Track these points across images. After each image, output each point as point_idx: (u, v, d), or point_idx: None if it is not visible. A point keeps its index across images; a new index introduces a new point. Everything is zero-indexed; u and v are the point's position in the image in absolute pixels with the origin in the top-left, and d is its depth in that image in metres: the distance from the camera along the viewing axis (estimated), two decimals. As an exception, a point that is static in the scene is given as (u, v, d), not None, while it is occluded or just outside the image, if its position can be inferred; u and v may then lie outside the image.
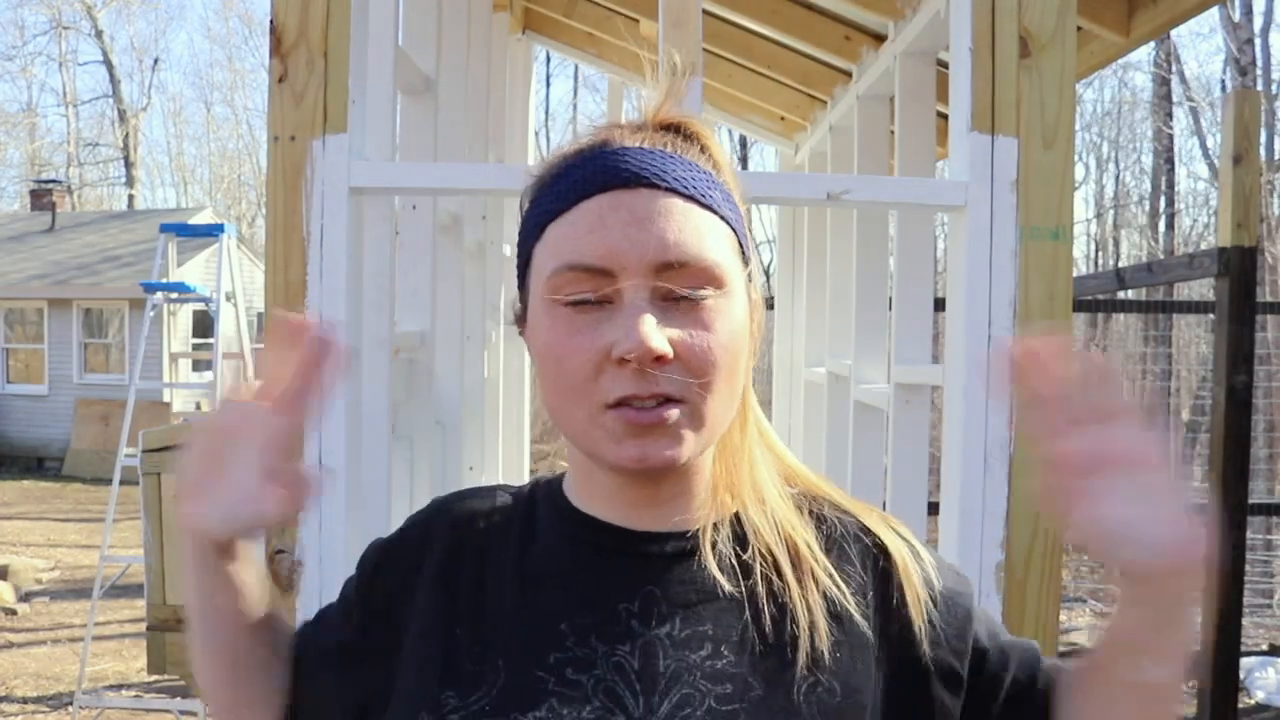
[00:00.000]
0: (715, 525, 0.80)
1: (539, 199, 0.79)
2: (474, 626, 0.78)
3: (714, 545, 0.79)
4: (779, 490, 0.84)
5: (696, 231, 0.74)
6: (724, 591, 0.77)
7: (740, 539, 0.80)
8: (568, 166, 0.78)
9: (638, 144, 0.77)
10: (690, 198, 0.75)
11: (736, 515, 0.81)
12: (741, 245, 0.78)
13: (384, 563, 0.87)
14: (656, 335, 0.71)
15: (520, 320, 0.83)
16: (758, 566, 0.78)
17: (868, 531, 0.84)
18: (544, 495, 0.86)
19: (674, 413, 0.73)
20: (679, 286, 0.73)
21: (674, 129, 0.81)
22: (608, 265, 0.73)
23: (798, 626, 0.75)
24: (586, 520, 0.81)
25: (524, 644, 0.76)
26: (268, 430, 0.74)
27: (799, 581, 0.77)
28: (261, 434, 0.74)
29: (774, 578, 0.78)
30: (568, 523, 0.82)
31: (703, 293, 0.74)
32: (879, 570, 0.81)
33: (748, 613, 0.76)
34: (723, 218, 0.77)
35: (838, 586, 0.78)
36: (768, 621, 0.76)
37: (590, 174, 0.75)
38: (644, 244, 0.72)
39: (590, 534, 0.80)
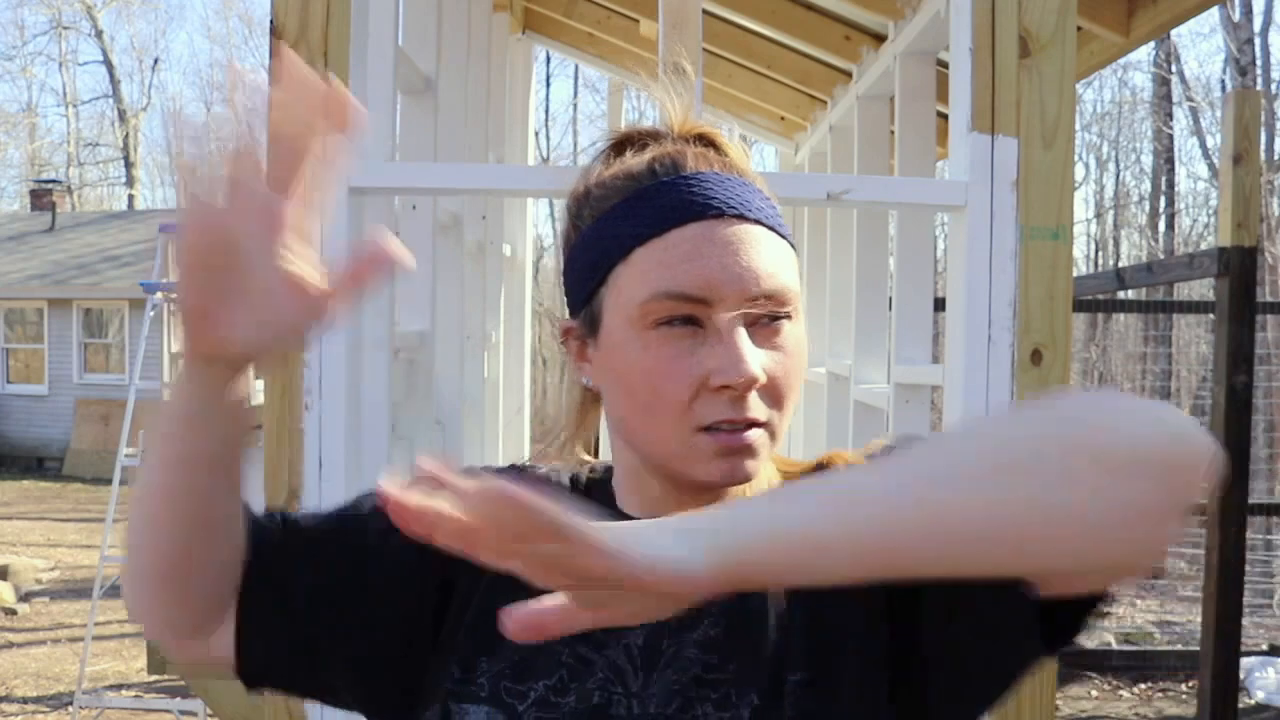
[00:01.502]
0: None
1: (614, 219, 0.80)
2: (510, 599, 0.79)
3: None
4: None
5: (779, 262, 0.78)
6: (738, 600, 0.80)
7: None
8: (648, 189, 0.79)
9: (706, 166, 0.80)
10: (772, 229, 0.79)
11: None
12: (799, 270, 0.83)
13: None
14: (758, 363, 0.76)
15: (577, 334, 0.83)
16: None
17: None
18: (597, 491, 0.88)
19: (759, 434, 0.77)
20: (763, 315, 0.77)
21: (704, 140, 0.84)
22: (705, 295, 0.76)
23: (791, 610, 0.78)
24: (617, 513, 0.85)
25: None
26: (283, 216, 0.65)
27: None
28: (277, 222, 0.65)
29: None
30: (607, 517, 0.84)
31: (785, 320, 0.78)
32: None
33: (742, 598, 0.78)
34: (792, 245, 0.81)
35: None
36: (757, 602, 0.79)
37: (679, 201, 0.78)
38: (740, 275, 0.76)
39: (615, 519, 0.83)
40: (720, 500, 0.81)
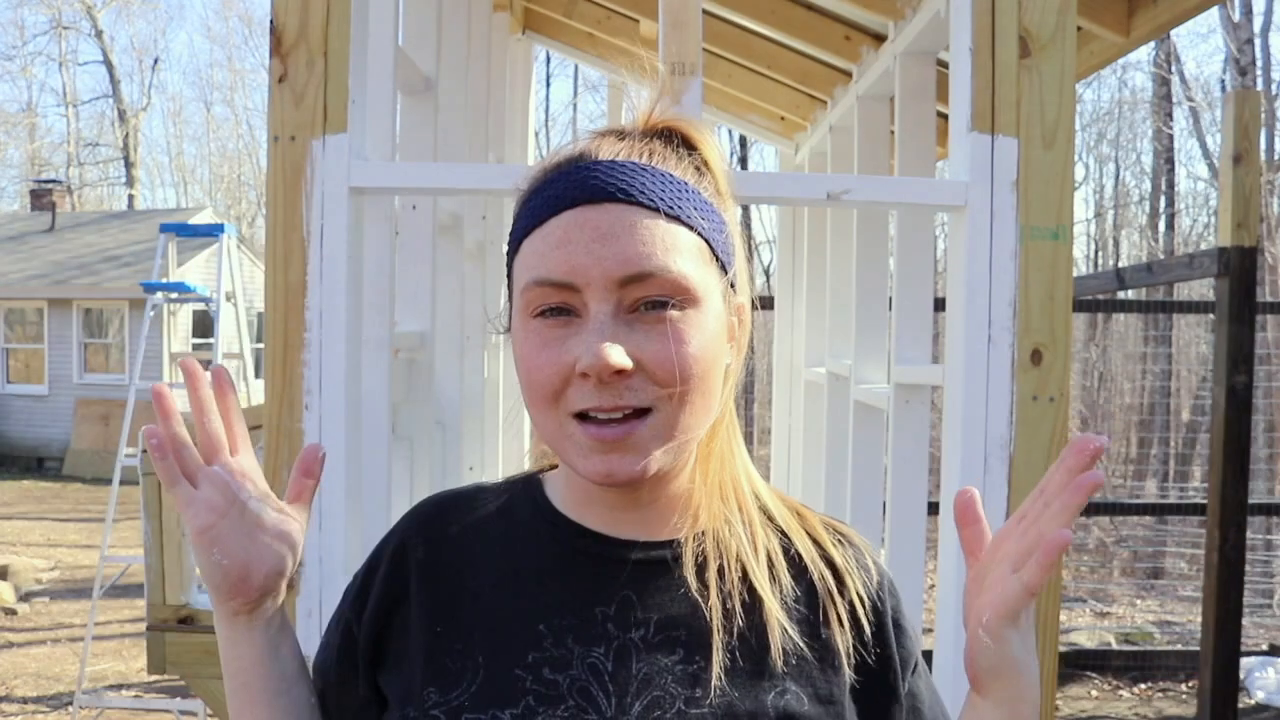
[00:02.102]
0: (695, 536, 0.81)
1: (520, 213, 0.81)
2: (454, 624, 0.81)
3: (692, 554, 0.80)
4: (757, 502, 0.86)
5: (661, 244, 0.75)
6: (698, 599, 0.79)
7: (719, 549, 0.81)
8: (546, 181, 0.79)
9: (614, 156, 0.78)
10: (656, 210, 0.75)
11: (716, 526, 0.83)
12: (716, 255, 0.79)
13: (386, 571, 0.87)
14: (615, 350, 0.72)
15: (507, 327, 0.85)
16: (733, 576, 0.79)
17: (842, 544, 0.87)
18: (522, 495, 0.88)
19: (641, 427, 0.75)
20: (641, 298, 0.74)
21: (663, 134, 0.82)
22: (572, 280, 0.74)
23: (770, 636, 0.78)
24: (568, 524, 0.83)
25: (503, 643, 0.79)
26: (235, 485, 0.81)
27: (772, 594, 0.80)
28: (243, 481, 0.82)
29: (748, 589, 0.80)
30: (549, 525, 0.84)
31: (666, 304, 0.74)
32: (836, 584, 0.83)
33: (720, 621, 0.78)
34: (693, 228, 0.77)
35: (808, 599, 0.82)
36: (740, 630, 0.78)
37: (562, 190, 0.76)
38: (606, 258, 0.74)
39: (571, 538, 0.83)
40: (648, 495, 0.81)
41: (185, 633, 2.83)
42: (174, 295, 7.71)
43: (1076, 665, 5.69)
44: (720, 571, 0.80)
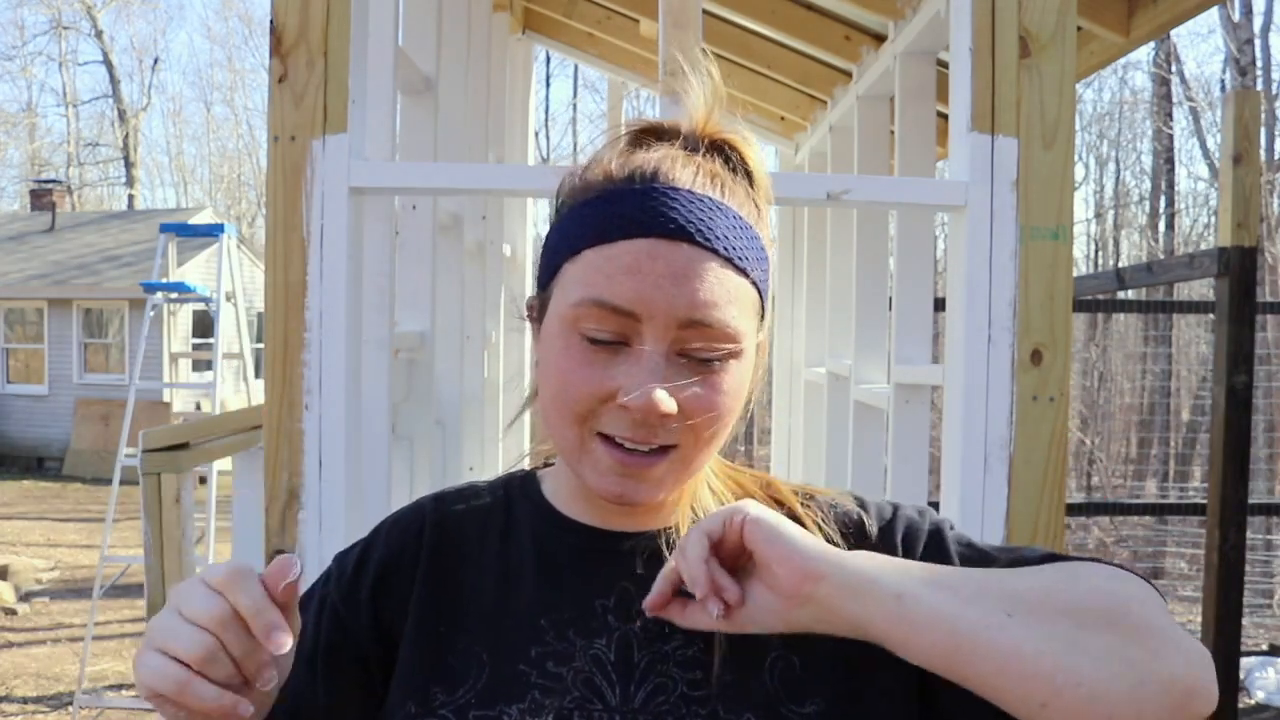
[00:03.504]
0: (679, 523, 0.82)
1: (579, 215, 0.79)
2: (457, 622, 0.82)
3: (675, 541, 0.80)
4: (729, 478, 0.87)
5: (726, 295, 0.75)
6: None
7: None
8: (617, 192, 0.77)
9: (688, 182, 0.77)
10: (729, 261, 0.76)
11: (703, 510, 0.83)
12: (763, 302, 0.80)
13: (383, 573, 0.86)
14: (668, 400, 0.74)
15: (533, 316, 0.84)
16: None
17: (836, 507, 0.86)
18: (519, 493, 0.89)
19: (663, 462, 0.77)
20: (697, 346, 0.75)
21: (720, 149, 0.82)
22: (636, 310, 0.74)
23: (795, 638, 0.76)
24: (564, 521, 0.85)
25: (506, 639, 0.80)
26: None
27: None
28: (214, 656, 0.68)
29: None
30: (547, 523, 0.85)
31: (716, 356, 0.76)
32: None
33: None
34: (752, 280, 0.77)
35: None
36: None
37: (638, 213, 0.75)
38: (676, 298, 0.74)
39: (568, 534, 0.84)
40: (630, 511, 0.82)
41: None
42: (174, 295, 7.71)
43: (1076, 665, 5.68)
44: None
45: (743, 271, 0.77)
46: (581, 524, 0.84)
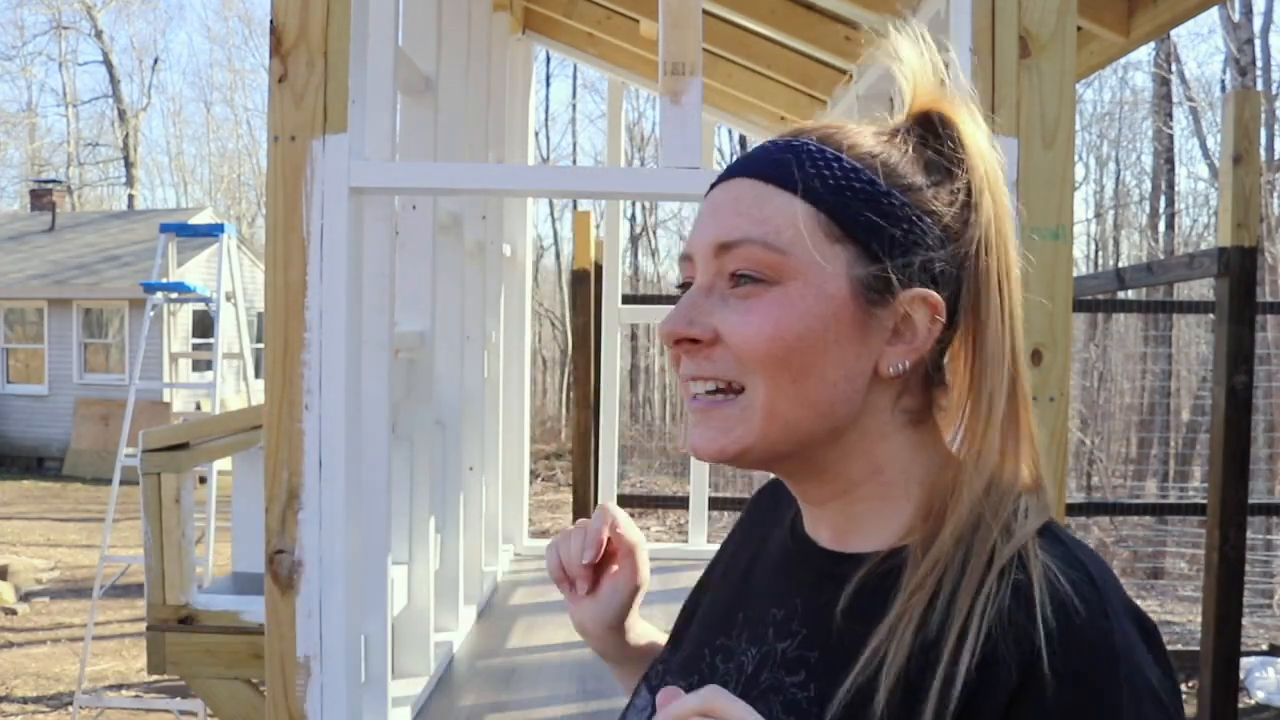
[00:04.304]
0: (880, 555, 0.71)
1: None
2: (711, 597, 0.88)
3: (866, 577, 0.70)
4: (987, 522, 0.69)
5: (757, 213, 0.71)
6: (842, 625, 0.70)
7: (892, 569, 0.70)
8: None
9: (784, 137, 0.75)
10: (766, 180, 0.71)
11: (918, 553, 0.70)
12: (848, 229, 0.70)
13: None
14: (676, 318, 0.72)
15: None
16: (888, 604, 0.68)
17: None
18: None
19: (729, 405, 0.71)
20: (736, 268, 0.71)
21: (921, 123, 0.75)
22: (688, 251, 0.75)
23: (879, 681, 0.65)
24: (797, 532, 0.80)
25: (714, 623, 0.83)
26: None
27: (897, 644, 0.66)
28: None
29: (906, 634, 0.66)
30: (790, 531, 0.82)
31: (748, 272, 0.70)
32: (957, 638, 0.65)
33: (849, 651, 0.68)
34: (810, 199, 0.70)
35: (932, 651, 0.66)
36: (867, 675, 0.66)
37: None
38: (709, 229, 0.73)
39: (794, 543, 0.80)
40: (815, 492, 0.75)
41: (185, 633, 2.82)
42: (174, 295, 7.71)
43: (1076, 665, 5.69)
44: (879, 600, 0.68)
45: (792, 190, 0.70)
46: (807, 535, 0.78)
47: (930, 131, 0.75)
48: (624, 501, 6.01)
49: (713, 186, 0.76)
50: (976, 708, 0.62)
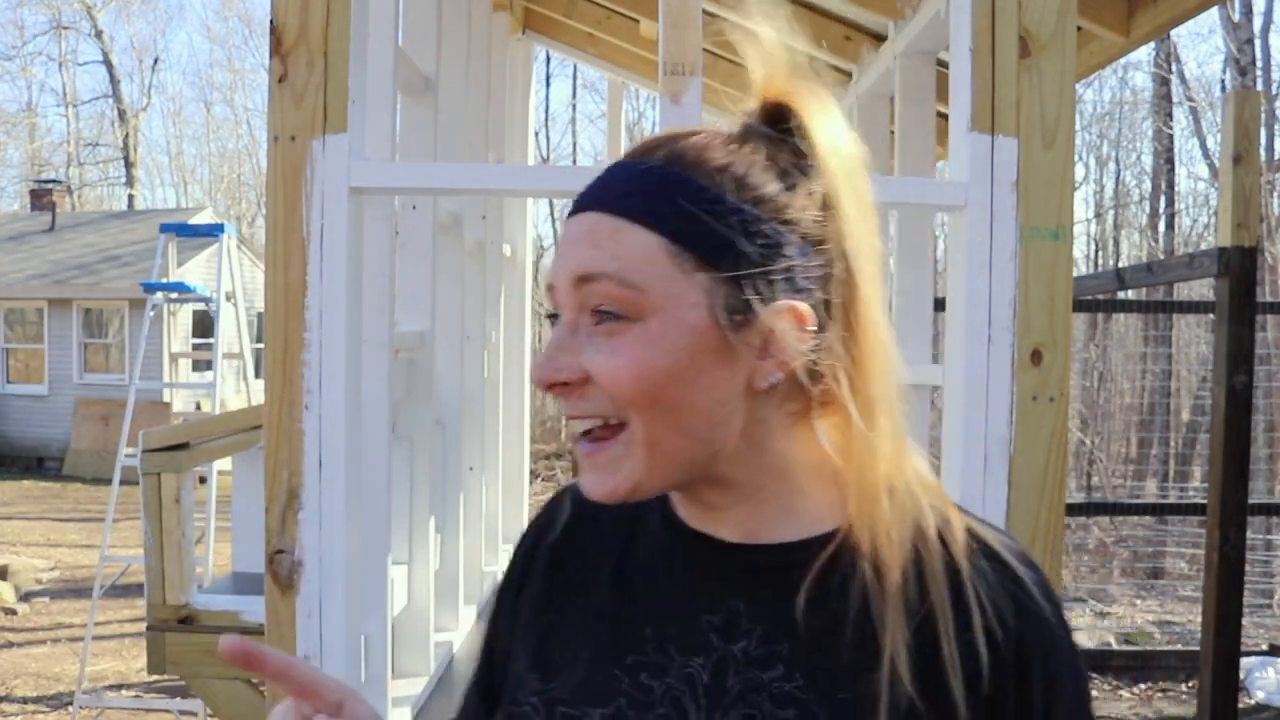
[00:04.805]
0: (817, 542, 0.74)
1: None
2: (568, 614, 0.81)
3: (812, 563, 0.73)
4: (902, 505, 0.74)
5: (610, 247, 0.70)
6: (806, 612, 0.72)
7: (841, 561, 0.73)
8: None
9: (636, 154, 0.75)
10: (617, 214, 0.71)
11: (846, 533, 0.74)
12: (703, 256, 0.70)
13: (520, 554, 0.88)
14: (545, 364, 0.71)
15: None
16: (854, 589, 0.72)
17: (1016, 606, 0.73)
18: (656, 497, 0.82)
19: (611, 445, 0.72)
20: (595, 303, 0.70)
21: (771, 113, 0.75)
22: (551, 282, 0.74)
23: (879, 666, 0.69)
24: (683, 529, 0.79)
25: (609, 640, 0.77)
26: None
27: (893, 619, 0.70)
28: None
29: (866, 605, 0.71)
30: (667, 530, 0.80)
31: (608, 308, 0.70)
32: (956, 615, 0.71)
33: (829, 639, 0.72)
34: (660, 230, 0.70)
35: (928, 630, 0.71)
36: (847, 651, 0.71)
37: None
38: (566, 262, 0.72)
39: (685, 543, 0.78)
40: (719, 498, 0.76)
41: (185, 633, 2.82)
42: (174, 295, 7.71)
43: (1076, 665, 5.68)
44: (841, 586, 0.72)
45: (644, 223, 0.70)
46: (699, 532, 0.78)
47: (780, 128, 0.74)
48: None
49: (570, 214, 0.75)
50: (997, 671, 0.70)
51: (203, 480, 7.03)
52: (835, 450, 0.75)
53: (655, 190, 0.70)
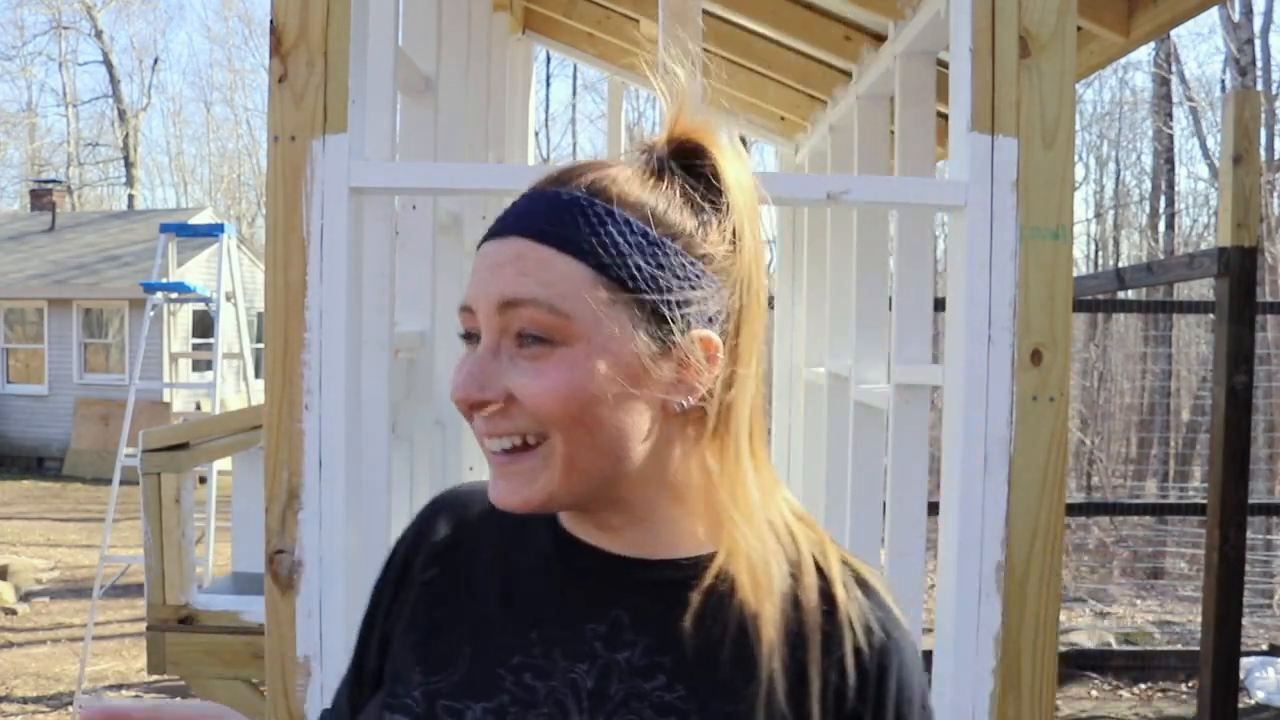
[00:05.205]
0: (701, 560, 0.78)
1: None
2: (452, 613, 0.83)
3: (696, 581, 0.77)
4: (781, 528, 0.81)
5: (537, 274, 0.73)
6: (690, 627, 0.77)
7: (720, 579, 0.78)
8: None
9: (559, 185, 0.76)
10: (544, 241, 0.74)
11: (725, 554, 0.78)
12: (626, 284, 0.73)
13: (395, 555, 0.90)
14: (467, 385, 0.75)
15: None
16: (734, 608, 0.77)
17: (860, 625, 0.80)
18: None
19: (529, 458, 0.75)
20: (520, 327, 0.74)
21: (681, 150, 0.79)
22: (470, 304, 0.77)
23: (756, 682, 0.75)
24: (570, 539, 0.82)
25: (494, 640, 0.80)
26: None
27: (769, 638, 0.76)
28: None
29: (745, 623, 0.77)
30: (555, 538, 0.83)
31: (534, 333, 0.73)
32: (825, 639, 0.78)
33: (710, 653, 0.76)
34: (585, 259, 0.73)
35: (799, 650, 0.77)
36: (727, 666, 0.76)
37: (494, 222, 0.79)
38: (490, 285, 0.75)
39: (572, 553, 0.82)
40: (615, 518, 0.79)
41: (185, 633, 2.82)
42: (174, 295, 7.72)
43: (1076, 665, 5.70)
44: (720, 600, 0.77)
45: (573, 254, 0.73)
46: (584, 543, 0.82)
47: (689, 165, 0.78)
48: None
49: (488, 238, 0.77)
50: (861, 683, 0.77)
51: (203, 480, 7.03)
52: (716, 477, 0.79)
53: (581, 221, 0.74)
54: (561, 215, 0.74)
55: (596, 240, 0.73)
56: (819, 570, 0.80)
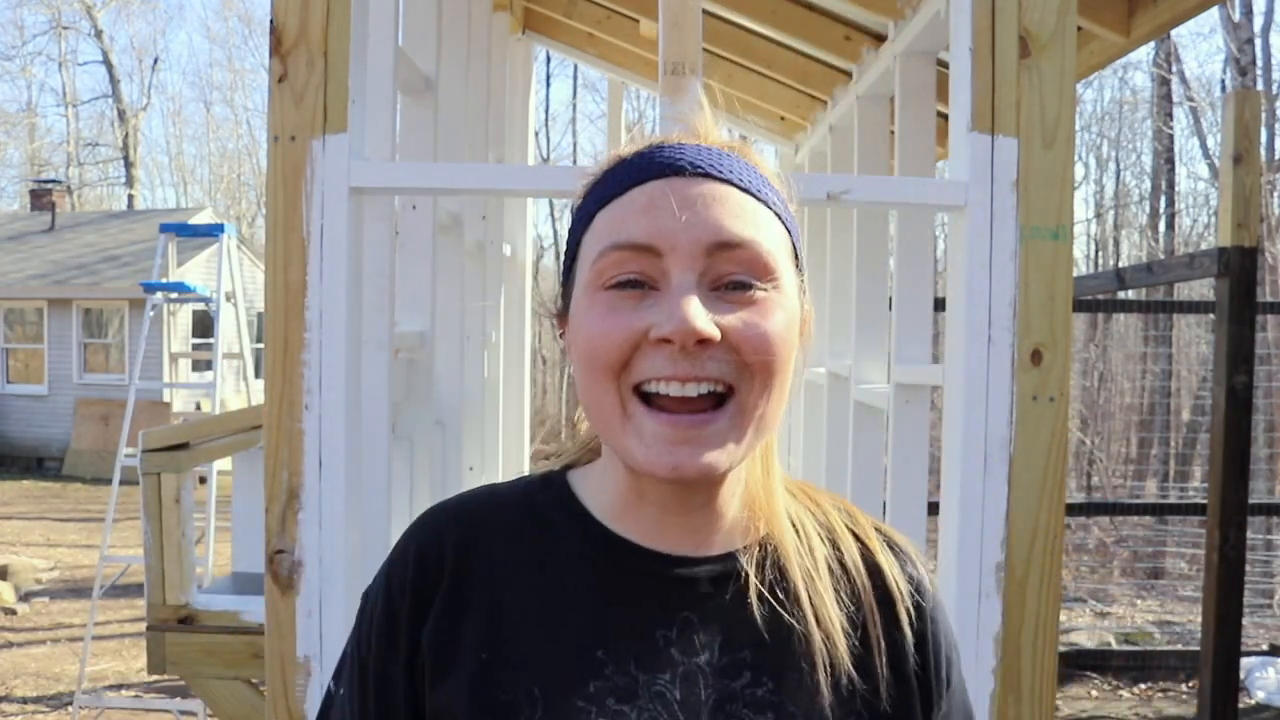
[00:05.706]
0: (752, 546, 0.77)
1: (590, 194, 0.76)
2: (500, 650, 0.74)
3: (754, 570, 0.76)
4: (817, 515, 0.81)
5: (753, 220, 0.71)
6: (761, 617, 0.74)
7: (778, 563, 0.77)
8: (624, 162, 0.75)
9: (696, 143, 0.75)
10: (746, 190, 0.72)
11: (773, 537, 0.78)
12: (795, 249, 0.76)
13: (394, 595, 0.78)
14: (702, 315, 0.67)
15: (561, 320, 0.78)
16: (796, 592, 0.76)
17: (905, 580, 0.81)
18: (551, 503, 0.79)
19: (720, 418, 0.69)
20: (730, 270, 0.70)
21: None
22: (656, 243, 0.69)
23: (836, 653, 0.74)
24: (612, 537, 0.77)
25: (560, 671, 0.72)
26: None
27: (833, 612, 0.76)
28: None
29: (811, 604, 0.76)
30: (591, 537, 0.77)
31: (756, 280, 0.71)
32: (880, 599, 0.79)
33: (785, 639, 0.75)
34: (779, 217, 0.75)
35: (856, 613, 0.78)
36: (803, 648, 0.74)
37: (646, 164, 0.73)
38: (695, 224, 0.69)
39: (618, 553, 0.76)
40: (700, 498, 0.75)
41: (185, 633, 2.82)
42: (174, 295, 7.71)
43: (1076, 665, 5.69)
44: (784, 589, 0.76)
45: (764, 203, 0.73)
46: (632, 543, 0.76)
47: None
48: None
49: (649, 177, 0.72)
50: (918, 644, 0.79)
51: (203, 480, 7.03)
52: (759, 453, 0.79)
53: (765, 182, 0.75)
54: (751, 175, 0.74)
55: (782, 206, 0.76)
56: (855, 537, 0.81)
